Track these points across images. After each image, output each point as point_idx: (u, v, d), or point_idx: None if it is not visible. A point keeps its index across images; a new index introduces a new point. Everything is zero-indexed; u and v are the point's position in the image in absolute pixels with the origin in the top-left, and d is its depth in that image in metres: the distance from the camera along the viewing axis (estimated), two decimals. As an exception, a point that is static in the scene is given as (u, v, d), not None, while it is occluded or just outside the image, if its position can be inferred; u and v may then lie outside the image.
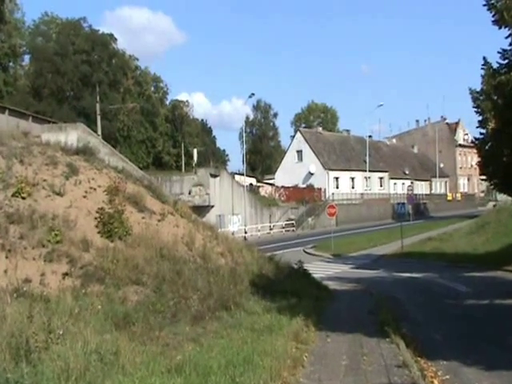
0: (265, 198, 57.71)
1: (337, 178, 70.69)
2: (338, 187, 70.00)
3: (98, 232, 13.29)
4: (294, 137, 77.70)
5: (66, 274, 11.10)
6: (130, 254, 12.74)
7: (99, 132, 53.72)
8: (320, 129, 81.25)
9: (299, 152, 72.47)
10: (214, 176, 46.91)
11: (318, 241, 41.00)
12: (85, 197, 14.51)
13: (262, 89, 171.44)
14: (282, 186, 63.28)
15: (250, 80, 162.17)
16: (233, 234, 41.76)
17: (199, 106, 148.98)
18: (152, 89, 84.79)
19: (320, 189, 66.60)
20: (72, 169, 15.49)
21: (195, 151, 68.39)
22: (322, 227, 54.24)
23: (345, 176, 71.31)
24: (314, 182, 67.54)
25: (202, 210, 41.04)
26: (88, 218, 13.59)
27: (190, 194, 44.33)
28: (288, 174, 69.64)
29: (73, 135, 19.26)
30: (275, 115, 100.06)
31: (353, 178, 72.95)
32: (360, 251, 34.26)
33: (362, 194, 71.05)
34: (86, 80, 61.44)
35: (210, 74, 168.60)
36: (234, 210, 49.28)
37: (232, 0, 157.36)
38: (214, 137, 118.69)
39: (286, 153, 77.60)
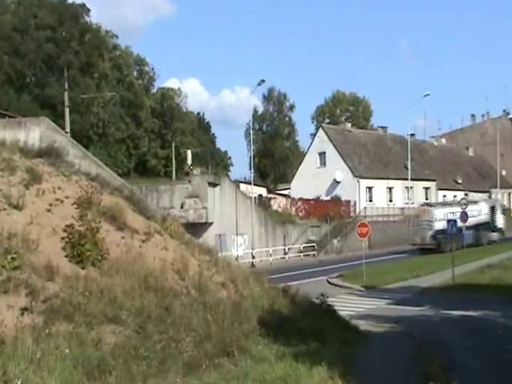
0: (278, 214, 57.69)
1: (370, 188, 70.63)
2: (371, 200, 69.91)
3: (66, 256, 13.35)
4: (315, 135, 77.84)
5: (25, 310, 11.15)
6: (105, 283, 12.79)
7: (68, 128, 54.08)
8: (348, 125, 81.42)
9: (322, 155, 72.55)
10: (212, 185, 47.03)
11: (345, 268, 40.84)
12: (49, 211, 14.60)
13: (274, 74, 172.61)
14: (300, 199, 63.29)
15: (258, 63, 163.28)
16: (237, 259, 41.73)
17: (193, 95, 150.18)
18: (135, 74, 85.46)
19: (348, 202, 66.51)
20: (33, 175, 15.61)
21: (189, 153, 68.58)
22: (351, 251, 54.03)
23: (380, 185, 71.25)
24: (341, 193, 67.50)
25: (197, 228, 41.08)
26: (53, 237, 13.66)
27: (182, 207, 44.43)
28: (307, 182, 69.67)
29: (34, 132, 19.43)
30: (291, 108, 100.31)
31: (390, 189, 72.87)
32: (399, 282, 34.11)
33: (402, 208, 70.86)
34: (51, 62, 61.99)
35: (206, 56, 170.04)
36: (238, 229, 49.30)
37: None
38: (213, 135, 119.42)
39: (304, 156, 77.74)
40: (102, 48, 68.72)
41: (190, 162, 70.09)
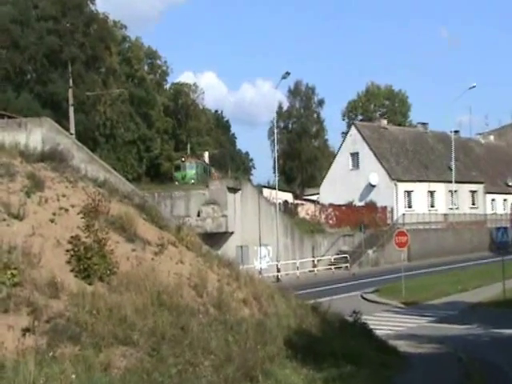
0: (306, 222, 57.65)
1: (409, 193, 70.30)
2: (410, 205, 69.58)
3: (71, 270, 13.44)
4: (347, 134, 77.75)
5: (26, 330, 11.23)
6: (115, 301, 12.85)
7: (72, 129, 54.66)
8: (384, 122, 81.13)
9: (355, 155, 72.41)
10: (233, 190, 47.12)
11: (382, 282, 40.67)
12: (53, 221, 14.72)
13: (301, 66, 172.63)
14: (331, 205, 63.18)
15: (282, 53, 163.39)
16: (260, 272, 41.75)
17: (210, 91, 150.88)
18: (145, 68, 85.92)
19: (385, 208, 66.26)
20: (35, 182, 15.74)
21: (206, 155, 68.88)
22: (389, 263, 53.79)
23: (421, 189, 70.88)
24: (377, 199, 67.26)
25: (216, 238, 41.18)
26: (57, 250, 13.77)
27: (199, 216, 44.57)
28: (339, 186, 69.55)
29: (36, 134, 19.62)
30: (320, 103, 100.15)
31: (432, 193, 72.47)
32: (443, 298, 33.90)
33: (445, 214, 70.44)
34: (53, 57, 62.49)
35: (223, 46, 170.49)
36: (261, 239, 49.31)
37: None
38: (233, 135, 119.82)
39: (335, 157, 77.63)
40: (109, 40, 69.02)
41: (207, 162, 70.56)
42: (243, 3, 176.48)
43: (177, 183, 54.39)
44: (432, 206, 71.83)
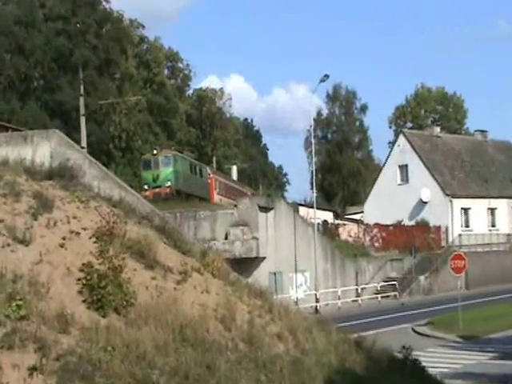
0: (348, 245, 57.42)
1: (466, 210, 69.73)
2: (468, 225, 68.97)
3: (83, 301, 13.52)
4: (394, 143, 77.47)
5: (33, 369, 11.31)
6: (132, 336, 12.90)
7: (84, 142, 55.13)
8: (437, 129, 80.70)
9: (403, 168, 72.07)
10: (264, 210, 47.11)
11: (435, 313, 40.32)
12: (62, 246, 14.83)
13: (339, 68, 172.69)
14: (376, 225, 62.88)
15: (319, 55, 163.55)
16: (297, 302, 41.62)
17: (238, 96, 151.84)
18: (165, 72, 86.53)
19: (438, 228, 65.77)
20: (42, 202, 15.89)
21: (234, 169, 69.18)
22: (443, 291, 53.27)
23: (480, 206, 70.25)
24: (429, 217, 66.80)
25: (246, 264, 41.17)
26: (67, 279, 13.86)
27: (226, 238, 44.61)
28: (385, 203, 69.21)
29: (43, 149, 19.83)
30: (363, 109, 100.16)
31: (493, 210, 71.81)
32: (507, 330, 33.51)
33: (508, 235, 69.75)
34: (62, 61, 63.17)
35: (252, 46, 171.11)
36: (297, 265, 49.19)
37: None
38: (265, 146, 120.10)
39: (381, 170, 77.36)
40: (124, 41, 69.57)
41: (234, 177, 70.68)
42: (274, 0, 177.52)
43: (146, 187, 47.79)
44: (493, 226, 71.13)
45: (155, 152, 49.59)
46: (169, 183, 47.76)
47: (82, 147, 27.44)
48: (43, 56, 61.87)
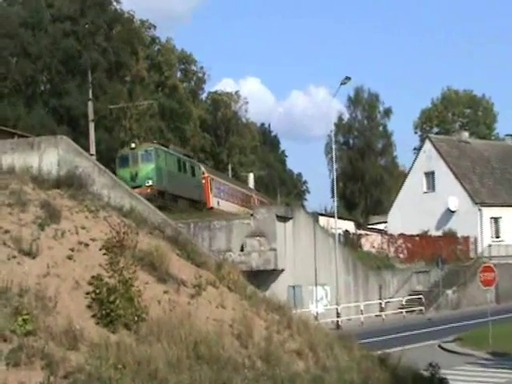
0: (371, 256, 57.27)
1: (496, 220, 69.37)
2: (498, 235, 68.61)
3: (93, 316, 13.55)
4: (419, 149, 77.28)
5: (40, 387, 11.36)
6: (143, 353, 12.92)
7: (93, 149, 55.33)
8: (465, 134, 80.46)
9: (430, 175, 71.85)
10: (283, 219, 47.07)
11: (464, 329, 40.12)
12: (70, 258, 14.89)
13: (360, 70, 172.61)
14: (401, 235, 62.69)
15: (339, 56, 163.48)
16: (317, 318, 41.52)
17: (254, 100, 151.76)
18: (178, 75, 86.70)
19: (467, 238, 65.47)
20: (50, 212, 15.96)
21: (251, 177, 69.22)
22: (472, 305, 53.02)
23: (511, 215, 69.88)
24: (457, 227, 66.51)
25: (264, 277, 41.14)
26: (76, 292, 13.90)
27: (243, 250, 44.58)
28: (411, 213, 69.00)
29: (51, 156, 19.91)
30: (387, 113, 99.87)
31: (525, 219, 71.40)
32: (541, 347, 33.30)
33: (541, 246, 69.21)
34: (71, 64, 63.44)
35: (268, 47, 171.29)
36: (318, 278, 49.09)
37: None
38: (283, 152, 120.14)
39: (406, 177, 77.15)
40: (135, 43, 69.86)
41: (251, 186, 70.60)
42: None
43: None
44: (525, 236, 70.76)
45: (133, 145, 44.30)
46: (150, 182, 42.85)
47: (91, 154, 27.46)
48: (50, 59, 62.05)
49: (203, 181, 53.42)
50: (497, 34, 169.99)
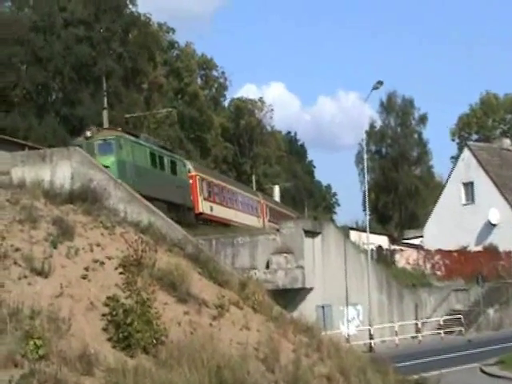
0: (406, 273, 56.99)
1: (541, 234, 68.86)
2: (543, 250, 68.06)
3: (109, 339, 13.59)
4: (457, 158, 76.88)
5: (54, 416, 11.39)
6: (163, 378, 12.91)
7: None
8: (507, 142, 79.90)
9: (469, 186, 71.42)
10: (311, 234, 46.99)
11: (507, 351, 39.82)
12: (85, 278, 14.95)
13: (394, 74, 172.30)
14: (438, 250, 62.36)
15: (370, 59, 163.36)
16: (348, 339, 41.37)
17: (279, 107, 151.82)
18: (198, 81, 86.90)
19: (509, 253, 65.00)
20: (63, 228, 16.04)
21: (276, 189, 69.16)
22: (516, 325, 52.62)
23: (557, 229, 69.38)
24: (498, 241, 66.06)
25: (291, 296, 41.07)
26: (90, 314, 13.95)
27: (268, 267, 44.53)
28: (448, 226, 68.64)
29: (64, 169, 20.06)
30: (422, 120, 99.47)
31: None
32: None
33: None
34: (84, 71, 63.66)
35: (294, 50, 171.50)
36: (349, 297, 48.92)
37: None
38: (311, 162, 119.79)
39: (443, 188, 76.75)
40: (153, 48, 70.04)
41: (277, 199, 70.38)
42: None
43: None
44: None
45: (88, 134, 37.19)
46: None
47: (106, 166, 27.25)
48: (63, 66, 62.14)
49: (190, 181, 46.73)
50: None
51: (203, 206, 48.61)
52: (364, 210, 75.11)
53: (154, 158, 41.28)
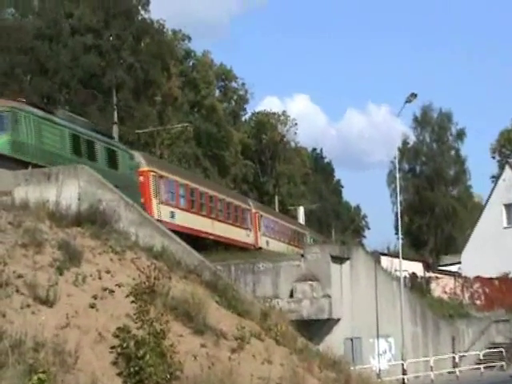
0: (442, 303, 56.78)
1: None
2: None
3: (119, 374, 13.61)
4: (498, 178, 76.60)
5: None
6: (178, 417, 12.94)
7: (118, 180, 55.54)
8: (552, 159, 79.75)
9: (510, 207, 71.19)
10: (339, 260, 46.90)
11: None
12: (93, 307, 14.99)
13: (429, 87, 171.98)
14: (478, 278, 62.14)
15: (402, 70, 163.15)
16: (379, 375, 41.21)
17: (303, 121, 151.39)
18: (217, 93, 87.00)
19: (556, 281, 64.72)
20: (69, 253, 16.09)
21: (301, 211, 69.10)
22: None
23: None
24: (544, 269, 65.82)
25: (317, 327, 40.96)
26: (99, 346, 13.98)
27: (292, 296, 44.48)
28: (489, 252, 68.33)
29: (70, 188, 20.14)
30: (460, 136, 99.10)
31: None
32: None
33: None
34: (92, 82, 63.91)
35: (319, 60, 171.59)
36: (380, 328, 48.76)
37: None
38: (338, 182, 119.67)
39: (483, 210, 76.49)
40: (167, 57, 70.04)
41: (301, 221, 70.23)
42: (344, 4, 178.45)
43: None
44: None
45: None
46: None
47: (116, 186, 27.03)
48: (69, 77, 62.39)
49: (141, 178, 39.67)
50: None
51: (160, 212, 41.53)
52: (396, 234, 74.87)
53: (78, 143, 33.07)
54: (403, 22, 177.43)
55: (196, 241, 38.71)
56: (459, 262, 72.94)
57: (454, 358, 53.00)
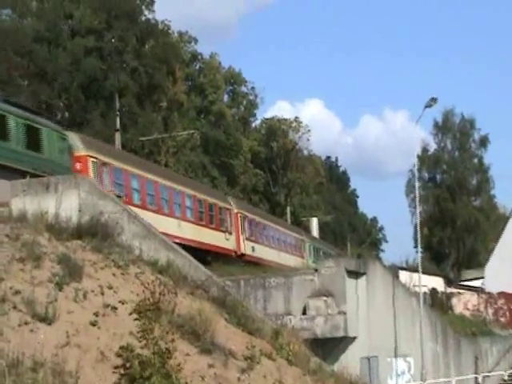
0: (465, 321, 56.70)
1: None
2: None
3: (122, 396, 13.62)
4: (523, 187, 76.58)
5: None
6: None
7: (121, 190, 55.58)
8: None
9: (535, 219, 71.13)
10: (355, 275, 46.88)
11: None
12: (94, 324, 15.00)
13: (450, 91, 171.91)
14: (502, 293, 62.06)
15: (422, 73, 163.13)
16: (397, 397, 41.18)
17: (317, 127, 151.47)
18: (225, 98, 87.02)
19: None
20: (70, 268, 16.11)
21: (314, 222, 69.05)
22: None
23: None
24: None
25: (331, 346, 40.94)
26: (101, 366, 13.98)
27: (305, 313, 44.47)
28: (512, 265, 68.35)
29: (71, 199, 20.17)
30: (483, 143, 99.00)
31: None
32: None
33: None
34: (93, 88, 64.00)
35: (332, 63, 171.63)
36: (398, 347, 48.70)
37: None
38: (354, 192, 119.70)
39: (507, 222, 76.39)
40: (172, 61, 70.11)
41: (315, 233, 70.20)
42: (354, 3, 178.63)
43: None
44: None
45: None
46: None
47: (119, 196, 27.03)
48: (69, 81, 62.45)
49: (77, 165, 34.18)
50: None
51: None
52: (415, 247, 74.88)
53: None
54: (425, 24, 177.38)
55: None
56: (482, 277, 72.84)
57: (476, 378, 52.90)
